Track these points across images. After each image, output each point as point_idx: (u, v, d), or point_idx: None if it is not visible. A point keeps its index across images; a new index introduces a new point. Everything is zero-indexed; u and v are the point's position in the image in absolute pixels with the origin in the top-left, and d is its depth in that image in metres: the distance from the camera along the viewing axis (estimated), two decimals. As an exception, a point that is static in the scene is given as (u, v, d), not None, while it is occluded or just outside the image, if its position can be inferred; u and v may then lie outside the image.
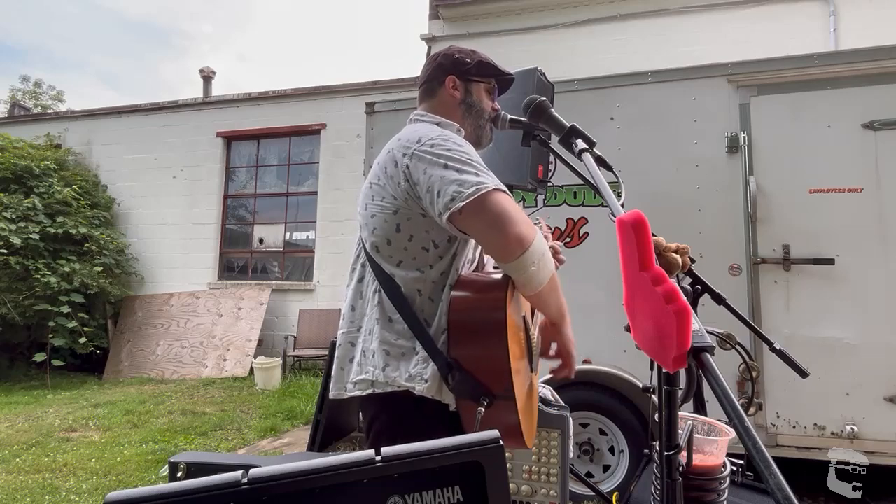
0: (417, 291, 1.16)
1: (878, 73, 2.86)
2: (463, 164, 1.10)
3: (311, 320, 7.62)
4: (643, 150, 3.14)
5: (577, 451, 3.06)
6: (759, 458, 0.56)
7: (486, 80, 1.37)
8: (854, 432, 2.74)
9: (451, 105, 1.33)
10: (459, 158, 1.11)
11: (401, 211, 1.17)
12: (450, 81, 1.33)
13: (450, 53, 1.37)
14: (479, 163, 1.12)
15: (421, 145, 1.15)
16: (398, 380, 1.12)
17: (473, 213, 1.05)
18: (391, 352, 1.15)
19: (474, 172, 1.08)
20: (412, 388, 1.10)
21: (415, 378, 1.11)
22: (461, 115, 1.34)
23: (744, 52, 5.54)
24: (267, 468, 0.58)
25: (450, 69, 1.34)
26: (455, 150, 1.13)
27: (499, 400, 1.04)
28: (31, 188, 7.81)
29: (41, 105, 21.74)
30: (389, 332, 1.16)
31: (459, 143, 1.16)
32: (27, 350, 7.76)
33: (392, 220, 1.18)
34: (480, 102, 1.36)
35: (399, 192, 1.16)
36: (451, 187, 1.07)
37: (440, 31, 8.31)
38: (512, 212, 1.05)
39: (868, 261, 2.81)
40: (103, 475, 3.61)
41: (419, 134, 1.18)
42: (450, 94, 1.33)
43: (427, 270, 1.16)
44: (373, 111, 3.77)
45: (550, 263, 1.11)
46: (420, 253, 1.17)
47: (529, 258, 1.05)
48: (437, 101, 1.34)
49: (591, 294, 2.99)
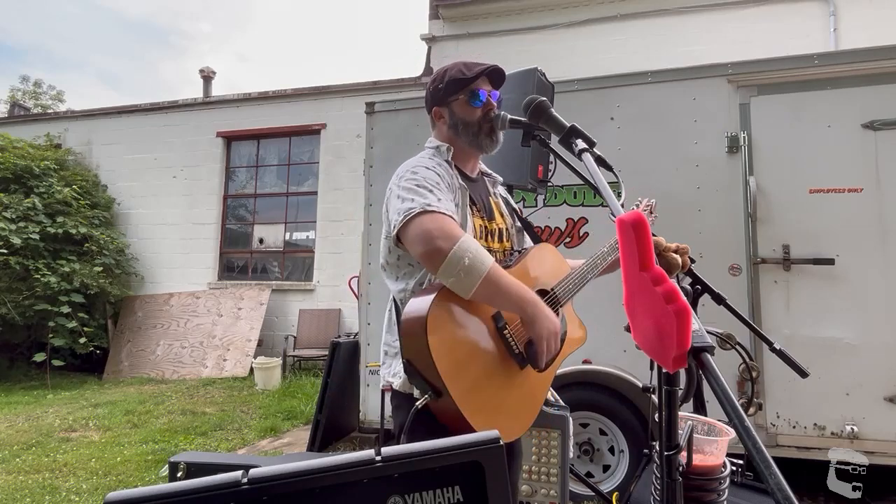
0: (401, 301, 1.37)
1: (878, 73, 2.86)
2: (406, 192, 1.28)
3: (310, 320, 7.62)
4: (643, 150, 3.14)
5: (577, 451, 3.06)
6: (759, 458, 0.56)
7: (459, 93, 1.44)
8: (854, 432, 2.74)
9: (444, 132, 1.49)
10: (406, 187, 1.29)
11: (391, 235, 1.35)
12: (435, 113, 1.50)
13: (428, 87, 1.51)
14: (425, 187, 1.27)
15: (396, 180, 1.35)
16: (387, 376, 1.38)
17: (403, 236, 1.26)
18: (389, 352, 1.40)
19: (410, 199, 1.25)
20: (392, 383, 1.36)
21: (395, 375, 1.35)
22: (454, 135, 1.47)
23: (744, 52, 5.54)
24: (267, 468, 0.58)
25: (432, 102, 1.50)
26: (406, 179, 1.31)
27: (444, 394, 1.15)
28: (31, 188, 7.81)
29: (41, 105, 21.72)
30: (390, 335, 1.41)
31: (415, 171, 1.33)
32: (27, 350, 7.77)
33: (385, 244, 1.40)
34: (465, 117, 1.44)
35: (386, 219, 1.37)
36: (393, 216, 1.29)
37: (440, 31, 8.30)
38: (430, 230, 1.19)
39: (868, 261, 2.81)
40: (103, 475, 3.61)
41: (403, 169, 1.37)
42: (440, 123, 1.49)
43: (409, 282, 1.37)
44: (373, 111, 3.77)
45: (477, 271, 1.18)
46: (407, 268, 1.38)
47: (449, 269, 1.17)
48: (437, 131, 1.52)
49: (591, 294, 2.98)
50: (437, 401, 1.16)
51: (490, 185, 1.60)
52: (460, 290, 1.19)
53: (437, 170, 1.36)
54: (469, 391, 1.17)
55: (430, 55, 8.29)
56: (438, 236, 1.18)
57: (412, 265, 1.36)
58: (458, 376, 1.16)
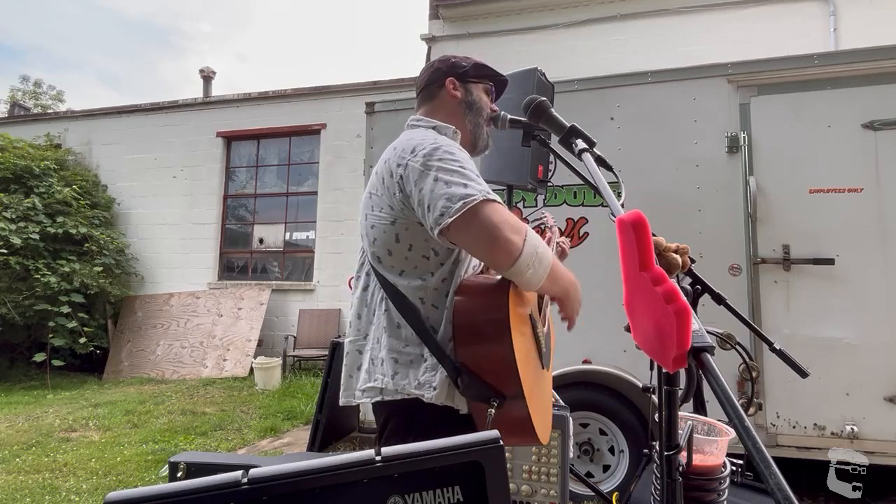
0: (420, 300, 1.18)
1: (878, 73, 2.86)
2: (452, 175, 1.10)
3: (310, 320, 7.62)
4: (643, 150, 3.14)
5: (577, 451, 3.06)
6: (759, 458, 0.56)
7: (483, 80, 1.41)
8: (854, 432, 2.74)
9: (452, 106, 1.35)
10: (449, 168, 1.12)
11: (398, 221, 1.18)
12: (450, 83, 1.36)
13: (446, 59, 1.40)
14: (469, 170, 1.13)
15: (414, 156, 1.15)
16: (407, 388, 1.14)
17: (462, 229, 1.07)
18: (400, 359, 1.17)
19: (462, 183, 1.09)
20: (421, 395, 1.13)
21: (423, 386, 1.13)
22: (462, 114, 1.35)
23: (744, 52, 5.53)
24: (267, 468, 0.58)
25: (448, 72, 1.37)
26: (446, 160, 1.13)
27: (510, 399, 1.06)
28: (31, 188, 7.81)
29: (41, 105, 21.72)
30: (397, 340, 1.18)
31: (451, 152, 1.16)
32: (27, 350, 7.76)
33: (391, 231, 1.19)
34: (480, 101, 1.39)
35: (395, 202, 1.18)
36: (440, 202, 1.08)
37: (440, 31, 8.30)
38: (499, 223, 1.05)
39: (868, 261, 2.81)
40: (103, 475, 3.61)
41: (413, 143, 1.18)
42: (451, 94, 1.35)
43: (428, 278, 1.18)
44: (373, 111, 3.77)
45: (546, 259, 1.11)
46: (421, 261, 1.19)
47: (523, 264, 1.06)
48: (438, 103, 1.36)
49: (591, 294, 2.98)
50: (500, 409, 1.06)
51: None
52: (531, 282, 1.10)
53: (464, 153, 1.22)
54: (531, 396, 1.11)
55: (430, 55, 8.29)
56: (510, 229, 1.06)
57: (427, 258, 1.19)
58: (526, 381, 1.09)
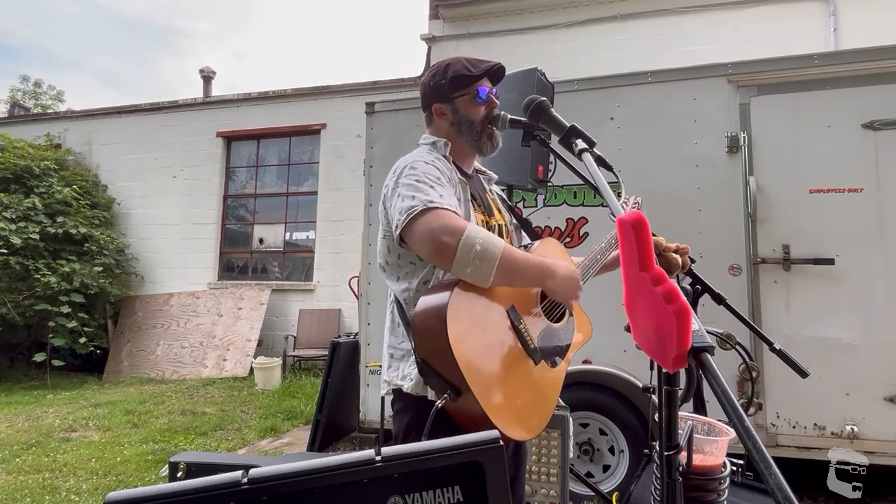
0: (405, 301, 1.33)
1: (878, 73, 2.86)
2: (407, 189, 1.24)
3: (311, 320, 7.62)
4: (643, 150, 3.14)
5: (577, 451, 3.06)
6: (759, 458, 0.56)
7: (465, 90, 1.42)
8: (854, 432, 2.74)
9: (445, 128, 1.45)
10: (407, 183, 1.25)
11: (388, 234, 1.34)
12: (436, 110, 1.45)
13: (427, 81, 1.46)
14: (425, 182, 1.24)
15: (392, 175, 1.33)
16: (395, 379, 1.32)
17: (408, 237, 1.23)
18: (395, 354, 1.35)
19: (411, 196, 1.21)
20: (402, 386, 1.29)
21: (405, 377, 1.29)
22: (455, 133, 1.44)
23: (744, 52, 5.54)
24: (267, 468, 0.58)
25: (432, 98, 1.45)
26: (407, 175, 1.27)
27: (465, 392, 1.11)
28: (31, 188, 7.81)
29: (41, 105, 21.70)
30: (394, 337, 1.36)
31: (414, 167, 1.29)
32: (27, 350, 7.77)
33: (384, 243, 1.37)
34: (468, 114, 1.42)
35: (383, 217, 1.35)
36: (395, 215, 1.24)
37: (440, 31, 8.30)
38: (434, 228, 1.16)
39: (868, 261, 2.81)
40: (103, 475, 3.61)
41: (401, 164, 1.33)
42: (440, 120, 1.45)
43: (412, 280, 1.33)
44: (373, 111, 3.77)
45: (490, 256, 1.15)
46: (409, 267, 1.34)
47: (460, 263, 1.14)
48: (434, 128, 1.48)
49: (591, 294, 2.98)
50: (456, 400, 1.12)
51: (485, 182, 1.60)
52: (479, 278, 1.16)
53: (435, 164, 1.32)
54: (489, 389, 1.14)
55: (430, 55, 8.29)
56: (443, 233, 1.15)
57: (414, 263, 1.32)
58: (478, 374, 1.13)
